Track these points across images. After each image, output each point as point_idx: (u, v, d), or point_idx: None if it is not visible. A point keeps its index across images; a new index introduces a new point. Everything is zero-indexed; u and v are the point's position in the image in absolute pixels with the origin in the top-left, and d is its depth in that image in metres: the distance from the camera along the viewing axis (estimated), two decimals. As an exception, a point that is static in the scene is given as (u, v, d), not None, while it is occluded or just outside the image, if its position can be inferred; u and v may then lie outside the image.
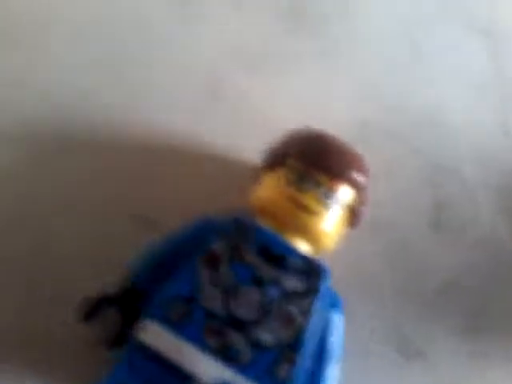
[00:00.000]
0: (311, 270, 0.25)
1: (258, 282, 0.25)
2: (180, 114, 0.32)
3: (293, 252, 0.25)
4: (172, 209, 0.30)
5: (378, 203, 0.30)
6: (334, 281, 0.26)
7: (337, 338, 0.26)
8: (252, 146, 0.30)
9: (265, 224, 0.26)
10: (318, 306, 0.25)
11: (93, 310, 0.26)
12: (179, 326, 0.23)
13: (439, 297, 0.30)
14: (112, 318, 0.25)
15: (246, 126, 0.32)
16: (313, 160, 0.26)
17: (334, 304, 0.26)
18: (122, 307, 0.26)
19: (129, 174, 0.31)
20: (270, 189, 0.27)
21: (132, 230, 0.29)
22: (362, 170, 0.27)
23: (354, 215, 0.28)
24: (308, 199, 0.26)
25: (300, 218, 0.26)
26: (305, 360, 0.24)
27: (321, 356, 0.25)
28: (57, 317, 0.27)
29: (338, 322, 0.26)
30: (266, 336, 0.24)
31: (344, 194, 0.27)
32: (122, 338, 0.25)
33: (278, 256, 0.25)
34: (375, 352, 0.29)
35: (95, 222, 0.30)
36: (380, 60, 0.34)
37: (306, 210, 0.26)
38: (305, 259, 0.25)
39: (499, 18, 0.36)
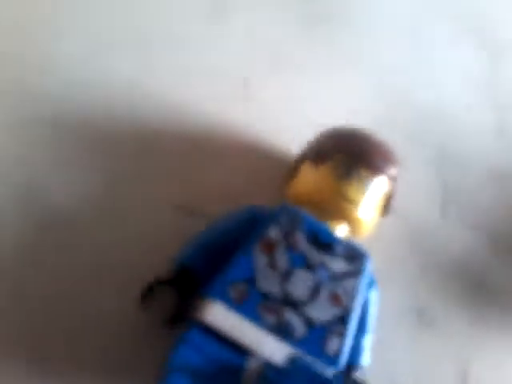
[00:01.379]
0: (355, 255, 0.28)
1: (310, 266, 0.27)
2: (217, 107, 0.34)
3: (338, 240, 0.28)
4: (214, 199, 0.31)
5: (404, 195, 0.32)
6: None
7: (373, 313, 0.29)
8: (282, 141, 0.33)
9: (309, 212, 0.28)
10: (360, 286, 0.27)
11: (148, 292, 0.28)
12: (239, 305, 0.25)
13: (450, 272, 0.33)
14: (170, 299, 0.27)
15: (277, 121, 0.35)
16: (358, 156, 0.29)
17: (371, 283, 0.29)
18: (177, 288, 0.27)
19: (171, 166, 0.32)
20: (315, 182, 0.29)
21: (176, 221, 0.31)
22: (395, 162, 0.30)
23: (387, 203, 0.30)
24: (354, 191, 0.28)
25: (344, 207, 0.28)
26: (351, 334, 0.27)
27: (361, 329, 0.28)
28: (113, 304, 0.28)
29: (375, 299, 0.29)
30: (317, 314, 0.26)
31: (382, 185, 0.29)
32: (180, 316, 0.27)
33: (326, 243, 0.27)
34: (398, 321, 0.32)
35: (142, 215, 0.31)
36: (388, 62, 0.38)
37: (352, 201, 0.28)
38: (349, 245, 0.28)
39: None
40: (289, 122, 0.34)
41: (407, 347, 0.31)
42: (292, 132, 0.33)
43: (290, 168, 0.31)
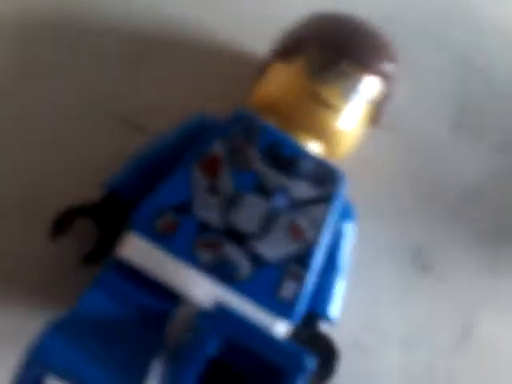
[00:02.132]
0: (325, 175, 0.21)
1: (263, 190, 0.21)
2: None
3: (305, 154, 0.21)
4: (163, 112, 0.25)
5: (399, 105, 0.25)
6: (349, 187, 0.22)
7: (347, 251, 0.23)
8: (258, 36, 0.25)
9: (272, 122, 0.22)
10: (329, 215, 0.21)
11: (63, 222, 0.22)
12: (166, 238, 0.20)
13: (457, 207, 0.26)
14: (90, 232, 0.22)
15: (251, 11, 0.27)
16: (339, 47, 0.22)
17: (346, 213, 0.23)
18: (99, 219, 0.22)
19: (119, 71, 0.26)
20: (282, 81, 0.22)
21: (120, 134, 0.25)
22: (392, 58, 0.23)
23: (377, 111, 0.23)
24: (329, 91, 0.22)
25: (318, 113, 0.22)
26: (313, 276, 0.21)
27: (329, 270, 0.22)
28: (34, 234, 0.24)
29: (349, 233, 0.23)
30: (269, 250, 0.20)
31: (370, 86, 0.22)
32: (100, 253, 0.22)
33: (288, 159, 0.21)
34: (388, 262, 0.26)
35: (80, 122, 0.25)
36: None
37: (326, 104, 0.21)
38: (318, 162, 0.21)
39: None
40: (270, 13, 0.27)
41: (396, 296, 0.25)
42: (266, 26, 0.26)
43: (257, 69, 0.24)
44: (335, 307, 0.22)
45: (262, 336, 0.18)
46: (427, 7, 0.29)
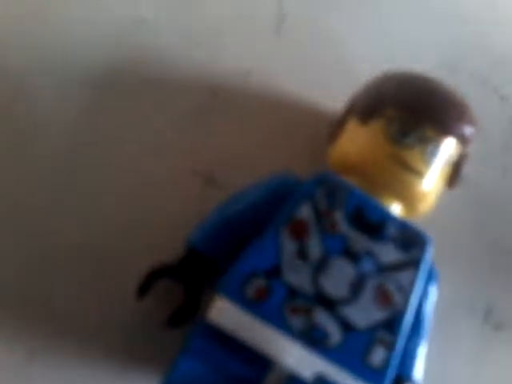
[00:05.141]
0: (412, 239, 0.21)
1: (351, 254, 0.21)
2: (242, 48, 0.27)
3: (391, 218, 0.21)
4: (238, 167, 0.26)
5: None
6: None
7: (430, 314, 0.23)
8: (330, 93, 0.26)
9: (353, 182, 0.22)
10: (417, 281, 0.21)
11: (148, 282, 0.22)
12: (257, 304, 0.20)
13: None
14: (175, 292, 0.22)
15: (322, 68, 0.27)
16: (418, 109, 0.22)
17: (430, 276, 0.22)
18: (183, 279, 0.22)
19: (191, 126, 0.26)
20: (362, 143, 0.22)
21: (195, 188, 0.25)
22: (471, 121, 0.23)
23: (455, 172, 0.23)
24: (412, 156, 0.22)
25: (402, 178, 0.22)
26: (403, 342, 0.21)
27: (414, 333, 0.22)
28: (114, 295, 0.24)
29: (432, 296, 0.23)
30: (358, 316, 0.20)
31: (450, 148, 0.22)
32: (185, 316, 0.22)
33: (374, 223, 0.21)
34: (461, 320, 0.26)
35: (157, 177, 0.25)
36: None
37: (410, 168, 0.22)
38: (405, 226, 0.21)
39: None
40: (332, 68, 0.28)
41: (470, 354, 0.25)
42: (336, 82, 0.26)
43: (333, 127, 0.24)
44: (419, 369, 0.22)
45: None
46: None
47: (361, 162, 0.22)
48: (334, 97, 0.25)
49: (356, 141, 0.23)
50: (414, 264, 0.21)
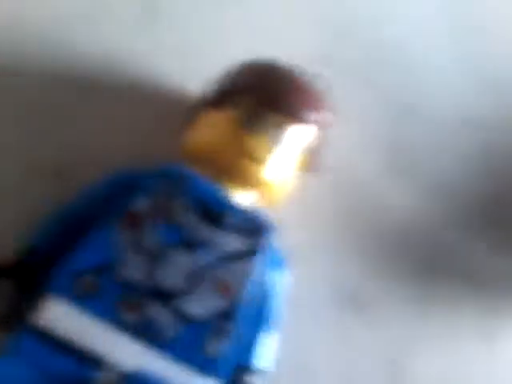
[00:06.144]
0: (253, 227, 0.21)
1: (189, 245, 0.20)
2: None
3: (233, 207, 0.21)
4: (85, 158, 0.24)
5: (334, 146, 0.25)
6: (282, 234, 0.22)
7: (279, 301, 0.23)
8: (189, 80, 0.25)
9: (201, 171, 0.21)
10: (258, 269, 0.21)
11: None
12: (87, 301, 0.19)
13: (390, 247, 0.27)
14: (5, 294, 0.21)
15: (183, 54, 0.27)
16: (268, 99, 0.22)
17: (276, 263, 0.22)
18: (17, 281, 0.21)
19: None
20: (211, 131, 0.22)
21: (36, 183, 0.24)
22: (325, 108, 0.23)
23: (312, 158, 0.23)
24: (259, 144, 0.21)
25: (247, 166, 0.21)
26: (239, 330, 0.21)
27: (258, 321, 0.22)
28: None
29: (280, 284, 0.23)
30: (196, 308, 0.20)
31: (300, 135, 0.22)
32: (15, 317, 0.20)
33: (216, 212, 0.21)
34: (322, 306, 0.26)
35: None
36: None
37: (255, 157, 0.21)
38: (247, 214, 0.21)
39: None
40: (196, 57, 0.27)
41: (332, 336, 0.25)
42: (198, 71, 0.25)
43: (187, 116, 0.23)
44: (264, 358, 0.22)
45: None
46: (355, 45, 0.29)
47: (209, 150, 0.22)
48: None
49: (205, 129, 0.22)
50: (253, 253, 0.21)
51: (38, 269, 0.21)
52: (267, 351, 0.22)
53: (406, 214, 0.27)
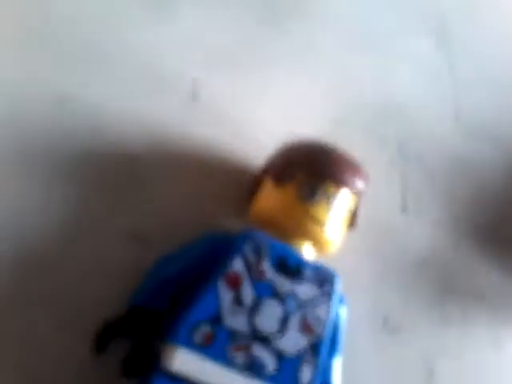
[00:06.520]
0: (324, 277, 0.27)
1: (277, 296, 0.26)
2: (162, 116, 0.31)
3: (306, 263, 0.26)
4: (163, 226, 0.29)
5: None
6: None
7: (343, 331, 0.28)
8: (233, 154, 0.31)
9: (272, 234, 0.27)
10: (332, 310, 0.26)
11: (103, 338, 0.26)
12: (206, 348, 0.24)
13: (413, 277, 0.33)
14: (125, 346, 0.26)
15: (225, 132, 0.32)
16: (322, 172, 0.27)
17: (340, 300, 0.28)
18: (133, 335, 0.26)
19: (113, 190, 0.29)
20: (278, 201, 0.27)
21: (129, 251, 0.29)
22: (363, 176, 0.28)
23: (353, 218, 0.29)
24: (321, 212, 0.27)
25: (314, 229, 0.27)
26: (323, 361, 0.26)
27: (332, 349, 0.27)
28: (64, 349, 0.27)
29: (344, 317, 0.28)
30: (288, 345, 0.25)
31: (348, 199, 0.28)
32: (136, 364, 0.26)
33: (293, 268, 0.26)
34: (364, 333, 0.31)
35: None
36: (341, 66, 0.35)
37: (320, 222, 0.27)
38: (317, 267, 0.27)
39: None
40: (243, 129, 0.32)
41: (374, 356, 0.31)
42: (248, 141, 0.31)
43: (251, 185, 0.29)
44: (337, 378, 0.27)
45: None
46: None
47: (278, 218, 0.27)
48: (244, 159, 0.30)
49: (272, 200, 0.28)
50: (327, 297, 0.26)
51: (150, 322, 0.26)
52: (338, 373, 0.28)
53: (419, 247, 0.33)
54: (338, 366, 0.28)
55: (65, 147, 0.29)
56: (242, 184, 0.30)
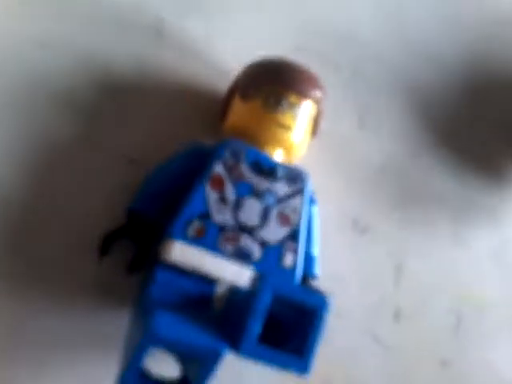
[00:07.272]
0: (296, 176, 0.30)
1: (257, 193, 0.29)
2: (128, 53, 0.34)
3: (278, 164, 0.30)
4: (149, 148, 0.33)
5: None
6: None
7: (317, 226, 0.32)
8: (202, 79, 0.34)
9: (246, 142, 0.30)
10: (304, 203, 0.30)
11: (106, 244, 0.29)
12: (199, 239, 0.27)
13: (376, 184, 0.37)
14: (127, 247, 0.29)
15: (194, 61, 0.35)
16: (285, 84, 0.30)
17: (312, 200, 0.32)
18: (132, 236, 0.29)
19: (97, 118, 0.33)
20: (248, 114, 0.31)
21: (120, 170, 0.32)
22: (321, 86, 0.32)
23: (316, 126, 0.32)
24: (287, 118, 0.30)
25: (282, 135, 0.30)
26: (302, 247, 0.29)
27: (309, 242, 0.31)
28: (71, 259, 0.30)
29: (316, 213, 0.32)
30: (270, 235, 0.29)
31: (309, 108, 0.31)
32: (139, 262, 0.29)
33: (268, 169, 0.30)
34: (335, 233, 0.35)
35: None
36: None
37: (287, 128, 0.30)
38: (289, 168, 0.30)
39: None
40: (209, 58, 0.35)
41: (348, 252, 0.35)
42: (214, 68, 0.34)
43: (221, 105, 0.32)
44: (318, 266, 0.31)
45: (297, 288, 0.26)
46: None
47: (249, 128, 0.30)
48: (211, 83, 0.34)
49: (242, 114, 0.31)
50: (300, 193, 0.30)
51: (149, 225, 0.29)
52: (318, 260, 0.31)
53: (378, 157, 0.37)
54: (316, 254, 0.31)
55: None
56: (212, 106, 0.33)
